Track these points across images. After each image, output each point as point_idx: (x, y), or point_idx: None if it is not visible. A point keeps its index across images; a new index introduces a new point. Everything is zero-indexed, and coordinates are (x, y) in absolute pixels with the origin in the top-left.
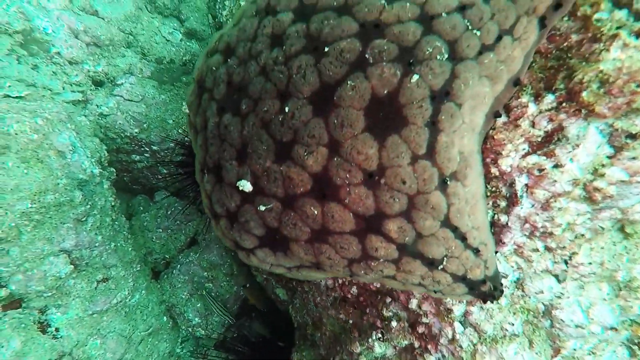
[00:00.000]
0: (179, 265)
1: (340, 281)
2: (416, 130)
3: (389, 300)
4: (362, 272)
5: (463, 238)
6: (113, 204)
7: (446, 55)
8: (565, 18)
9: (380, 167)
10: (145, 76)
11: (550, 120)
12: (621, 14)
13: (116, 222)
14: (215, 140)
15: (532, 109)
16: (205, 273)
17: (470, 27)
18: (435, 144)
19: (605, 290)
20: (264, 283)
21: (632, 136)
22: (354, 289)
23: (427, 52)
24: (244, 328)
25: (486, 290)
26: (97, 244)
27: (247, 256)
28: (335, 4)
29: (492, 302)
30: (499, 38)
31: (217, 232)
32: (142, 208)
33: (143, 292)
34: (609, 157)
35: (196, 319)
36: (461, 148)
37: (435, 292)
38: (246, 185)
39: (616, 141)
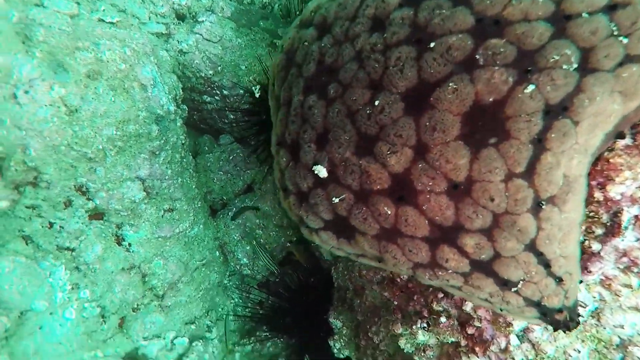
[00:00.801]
0: (234, 209)
1: None
2: (518, 146)
3: (441, 295)
4: (426, 277)
5: (547, 265)
6: (183, 141)
7: (575, 65)
8: None
9: (469, 179)
10: (226, 16)
11: None
12: None
13: (184, 160)
14: (297, 119)
15: None
16: (258, 220)
17: (616, 33)
18: (537, 163)
19: None
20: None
21: None
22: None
23: (552, 60)
24: (286, 275)
25: (561, 319)
26: (166, 177)
27: (310, 234)
28: None
29: (564, 332)
30: None
31: (284, 205)
32: (207, 148)
33: (201, 226)
34: None
35: (244, 260)
36: (567, 171)
37: (500, 310)
38: (322, 172)
39: None
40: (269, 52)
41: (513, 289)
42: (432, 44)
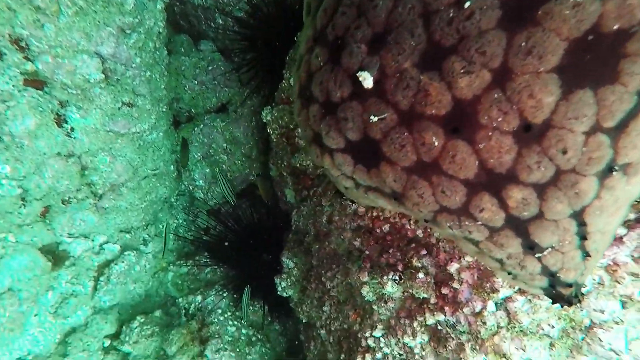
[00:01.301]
0: (202, 125)
1: (375, 213)
2: (622, 94)
3: (424, 252)
4: (446, 224)
5: (583, 237)
6: (161, 30)
7: None
8: None
9: (546, 123)
10: None
11: None
12: None
13: (158, 52)
14: (351, 9)
15: None
16: (225, 144)
17: None
18: (631, 121)
19: None
20: (277, 179)
21: None
22: (386, 227)
23: None
24: (240, 209)
25: (567, 293)
26: (133, 65)
27: (322, 154)
28: None
29: (561, 307)
30: None
31: (299, 115)
32: (183, 50)
33: (161, 134)
34: None
35: (200, 182)
36: None
37: (509, 273)
38: (368, 80)
39: None
40: None
41: (537, 255)
42: None
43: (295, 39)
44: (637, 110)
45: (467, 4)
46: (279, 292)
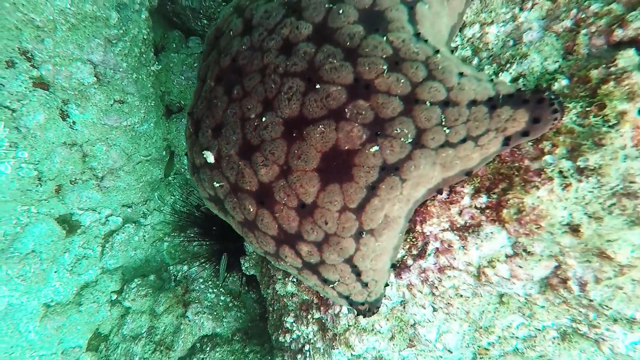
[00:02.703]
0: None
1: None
2: (356, 188)
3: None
4: (272, 261)
5: (358, 274)
6: (145, 37)
7: (410, 140)
8: (530, 143)
9: (314, 204)
10: None
11: (472, 218)
12: (566, 165)
13: (143, 55)
14: (205, 101)
15: (466, 201)
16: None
17: (443, 123)
18: (366, 204)
19: (464, 327)
20: None
21: (528, 252)
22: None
23: (396, 132)
24: None
25: (362, 309)
26: (120, 69)
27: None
28: (348, 43)
29: (363, 317)
30: (463, 140)
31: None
32: (174, 45)
33: (151, 125)
34: (506, 256)
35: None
36: (388, 212)
37: (324, 294)
38: (209, 157)
39: (516, 249)
40: None
41: (330, 285)
42: (317, 86)
43: None
44: (369, 198)
45: (264, 118)
46: (243, 270)
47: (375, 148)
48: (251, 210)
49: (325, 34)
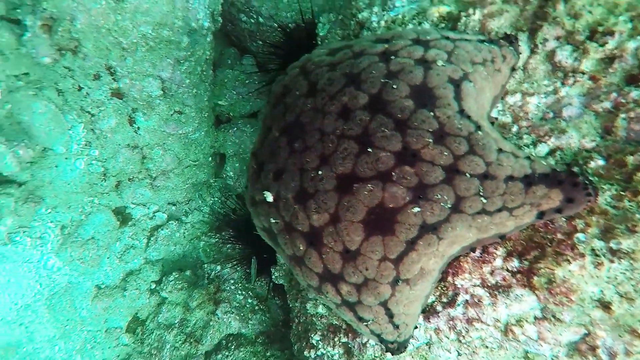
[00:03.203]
0: (235, 128)
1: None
2: (396, 242)
3: None
4: (313, 294)
5: (391, 316)
6: (208, 57)
7: (449, 205)
8: (563, 219)
9: (357, 251)
10: None
11: (503, 280)
12: (598, 244)
13: (204, 73)
14: (268, 148)
15: (498, 262)
16: (251, 146)
17: (481, 193)
18: (404, 256)
19: None
20: None
21: (557, 319)
22: None
23: (437, 197)
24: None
25: (392, 348)
26: (184, 85)
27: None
28: (399, 115)
29: (392, 355)
30: (499, 210)
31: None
32: (229, 62)
33: (202, 133)
34: (535, 319)
35: (230, 173)
36: (424, 265)
37: (357, 330)
38: (269, 197)
39: (545, 313)
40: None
41: (364, 323)
42: (369, 150)
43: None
44: (408, 251)
45: (320, 172)
46: (273, 280)
47: (417, 209)
48: (301, 248)
49: (379, 104)
